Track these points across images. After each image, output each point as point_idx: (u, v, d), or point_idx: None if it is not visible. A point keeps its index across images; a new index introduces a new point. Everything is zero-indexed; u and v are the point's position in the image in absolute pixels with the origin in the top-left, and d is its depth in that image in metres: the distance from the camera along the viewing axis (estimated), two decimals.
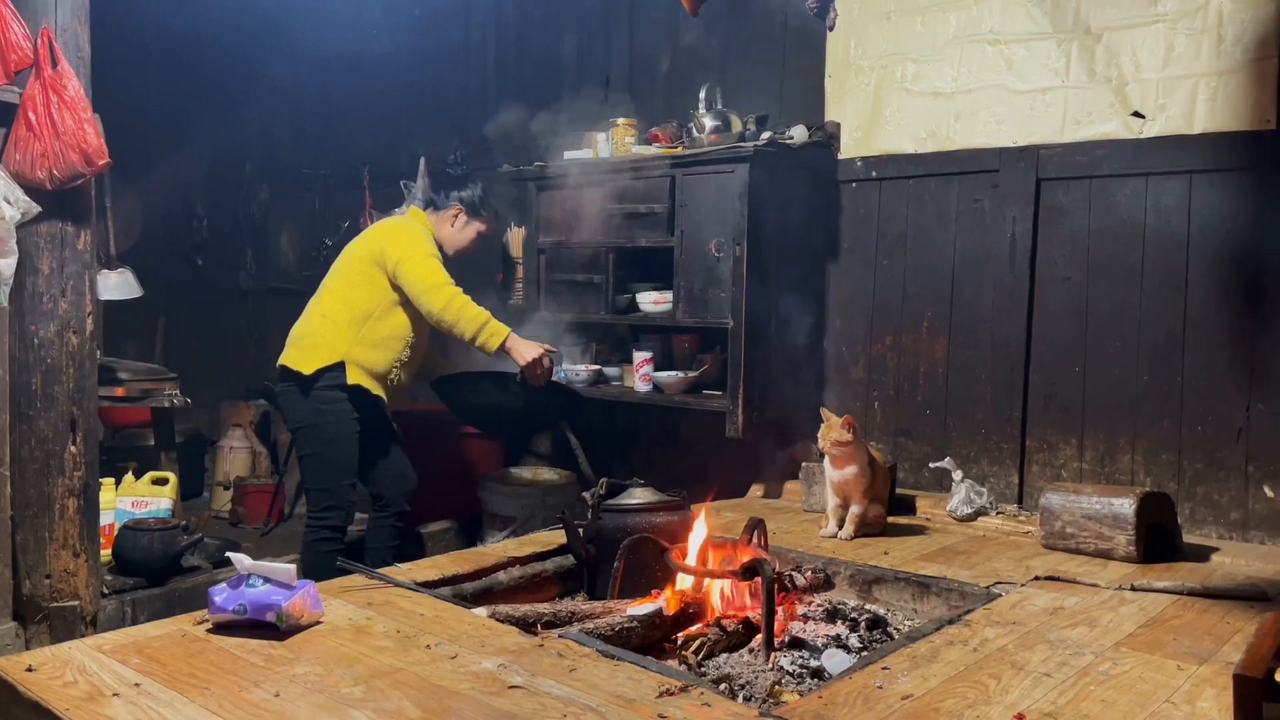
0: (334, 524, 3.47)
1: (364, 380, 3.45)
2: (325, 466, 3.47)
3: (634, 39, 4.58)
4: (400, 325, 3.51)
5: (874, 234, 3.82)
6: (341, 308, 3.48)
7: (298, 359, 3.45)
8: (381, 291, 3.48)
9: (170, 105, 5.21)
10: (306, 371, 3.41)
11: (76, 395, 3.00)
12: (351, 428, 3.46)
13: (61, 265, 2.95)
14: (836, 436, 2.97)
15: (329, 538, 3.46)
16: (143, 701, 1.75)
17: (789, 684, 2.08)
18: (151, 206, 5.13)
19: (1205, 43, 3.09)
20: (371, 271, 3.49)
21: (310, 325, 3.52)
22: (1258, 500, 3.05)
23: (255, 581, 2.12)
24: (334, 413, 3.43)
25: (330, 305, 3.51)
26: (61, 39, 2.89)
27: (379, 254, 3.49)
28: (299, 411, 3.48)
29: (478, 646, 2.05)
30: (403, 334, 3.51)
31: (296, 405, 3.48)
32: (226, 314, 5.75)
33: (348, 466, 3.48)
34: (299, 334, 3.53)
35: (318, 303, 3.56)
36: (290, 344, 3.53)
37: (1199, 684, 1.93)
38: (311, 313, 3.56)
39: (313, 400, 3.43)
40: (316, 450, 3.48)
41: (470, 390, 3.78)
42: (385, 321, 3.48)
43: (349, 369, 3.42)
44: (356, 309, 3.46)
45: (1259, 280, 3.04)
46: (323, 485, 3.48)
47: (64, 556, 2.99)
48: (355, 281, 3.51)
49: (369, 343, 3.46)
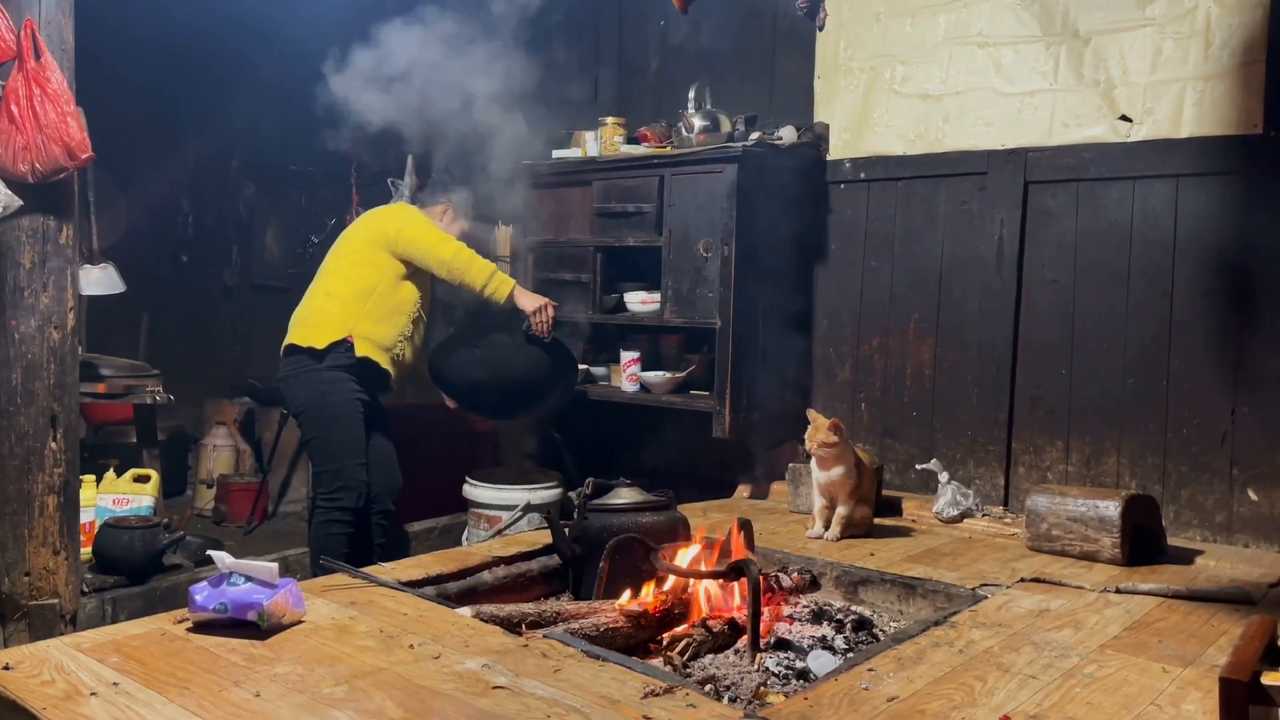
0: (345, 505, 3.40)
1: (372, 353, 3.45)
2: (332, 447, 3.44)
3: (623, 37, 4.57)
4: (405, 299, 3.53)
5: (862, 235, 3.82)
6: (345, 285, 3.49)
7: (308, 335, 3.45)
8: (383, 267, 3.50)
9: (156, 100, 5.16)
10: (320, 345, 3.41)
11: (57, 391, 2.97)
12: (356, 408, 3.44)
13: (43, 260, 2.92)
14: (824, 438, 2.96)
15: (339, 519, 3.40)
16: (121, 701, 1.73)
17: (774, 685, 2.07)
18: (136, 202, 5.08)
19: (1193, 47, 3.10)
20: (373, 252, 3.51)
21: (315, 303, 3.53)
22: (1242, 503, 3.06)
23: (237, 580, 2.10)
24: (338, 392, 3.41)
25: (333, 284, 3.53)
26: (45, 31, 2.86)
27: (378, 232, 3.54)
28: (302, 394, 3.46)
29: (461, 646, 2.04)
30: (407, 308, 3.54)
31: (300, 388, 3.46)
32: (211, 311, 5.71)
33: (355, 446, 3.44)
34: (304, 314, 3.53)
35: (319, 284, 3.58)
36: (296, 324, 3.52)
37: (1184, 686, 1.93)
38: (314, 293, 3.57)
39: (316, 381, 3.41)
40: (322, 432, 3.45)
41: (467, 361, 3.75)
42: (390, 296, 3.49)
43: (357, 342, 3.42)
44: (361, 284, 3.48)
45: (1244, 284, 3.05)
46: (332, 466, 3.44)
47: (43, 554, 2.96)
48: (358, 261, 3.53)
49: (374, 316, 3.47)
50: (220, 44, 5.16)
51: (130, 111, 4.82)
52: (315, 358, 3.42)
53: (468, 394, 3.86)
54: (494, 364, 3.72)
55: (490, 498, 3.89)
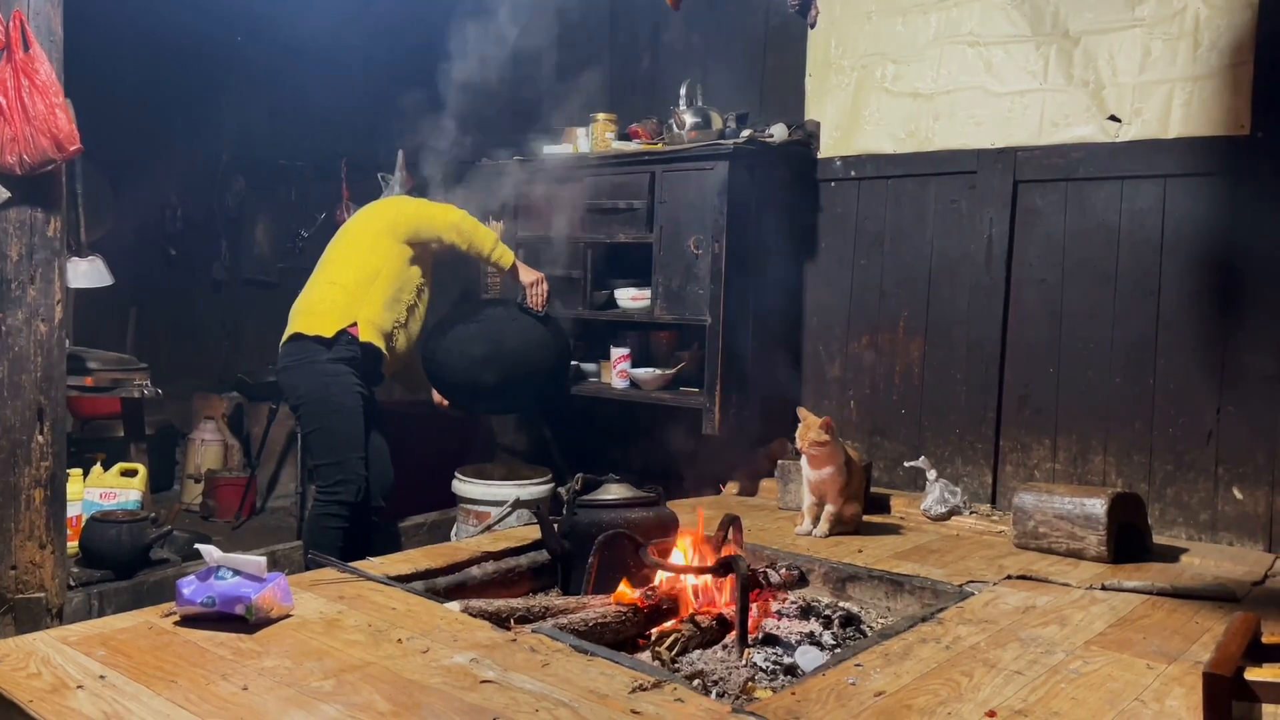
0: (344, 499, 3.35)
1: (374, 338, 3.44)
2: (332, 439, 3.40)
3: (615, 34, 4.57)
4: (407, 285, 3.54)
5: (852, 233, 3.83)
6: (348, 271, 3.49)
7: (314, 324, 3.41)
8: (387, 253, 3.50)
9: (145, 92, 5.13)
10: (328, 334, 3.38)
11: (44, 384, 2.95)
12: (356, 400, 3.41)
13: (30, 252, 2.90)
14: (814, 437, 2.97)
15: (337, 513, 3.35)
16: (107, 694, 1.73)
17: (762, 680, 2.08)
18: (124, 195, 5.05)
19: (1182, 48, 3.12)
20: (377, 239, 3.52)
21: (319, 292, 3.51)
22: (1227, 502, 3.09)
23: (225, 574, 2.09)
24: (340, 385, 3.39)
25: (337, 272, 3.51)
26: (34, 22, 2.84)
27: (383, 220, 3.57)
28: (304, 385, 3.42)
29: (450, 641, 2.04)
30: (406, 296, 3.54)
31: (301, 379, 3.43)
32: (200, 305, 5.68)
33: (356, 438, 3.41)
34: (308, 303, 3.51)
35: (322, 273, 3.56)
36: (300, 314, 3.49)
37: (1168, 682, 1.94)
38: (317, 281, 3.55)
39: (319, 373, 3.38)
40: (323, 424, 3.41)
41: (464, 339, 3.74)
42: (394, 281, 3.50)
43: (362, 326, 3.41)
44: (365, 269, 3.47)
45: (1231, 284, 3.07)
46: (332, 459, 3.39)
47: (30, 548, 2.95)
48: (361, 249, 3.53)
49: (378, 302, 3.46)
50: (210, 38, 5.13)
51: (119, 105, 4.79)
52: (324, 345, 3.39)
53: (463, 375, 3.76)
54: (491, 337, 3.71)
55: (479, 493, 3.89)
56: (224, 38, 5.18)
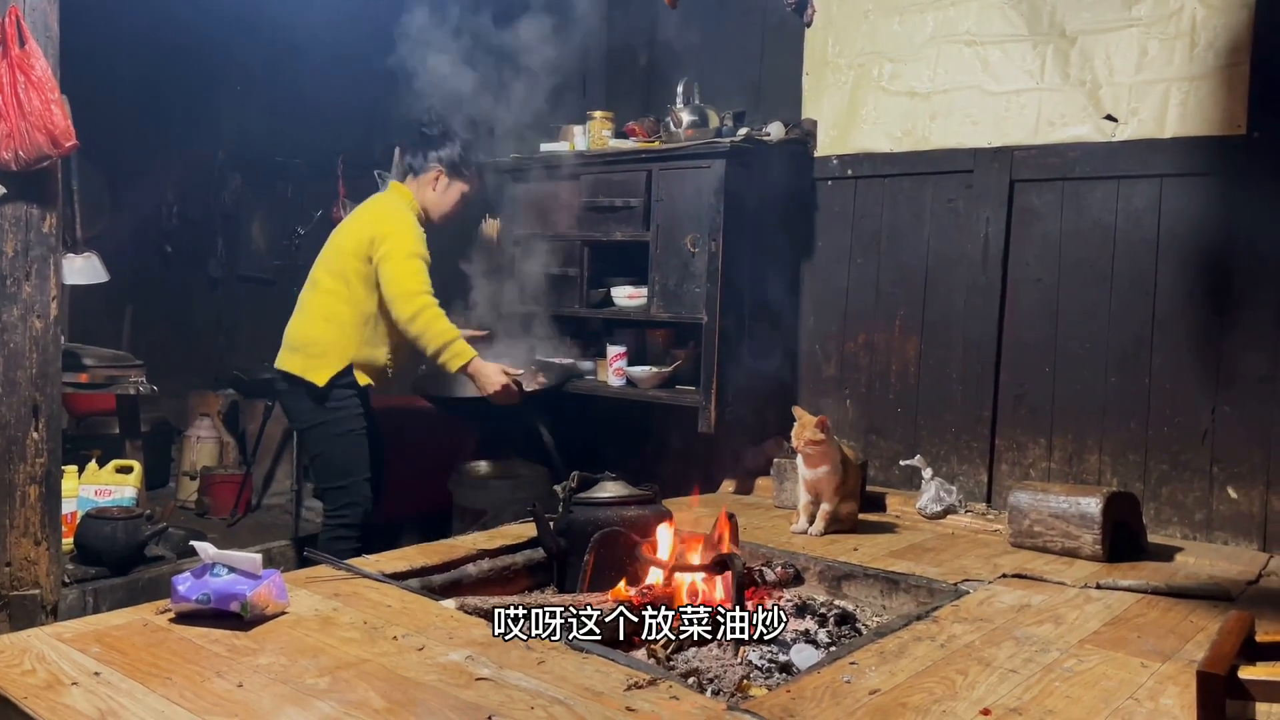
0: (351, 521, 3.35)
1: (369, 377, 3.40)
2: (337, 463, 3.38)
3: (611, 32, 4.56)
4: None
5: (848, 232, 3.84)
6: (345, 310, 3.35)
7: (305, 368, 3.34)
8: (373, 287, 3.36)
9: (142, 88, 5.12)
10: (320, 383, 3.32)
11: (39, 381, 2.94)
12: (360, 423, 3.38)
13: (26, 248, 2.90)
14: (810, 436, 2.97)
15: (345, 535, 3.34)
16: (102, 691, 1.72)
17: (757, 678, 2.08)
18: (120, 191, 5.04)
19: (1178, 48, 3.12)
20: (367, 269, 3.35)
21: (314, 330, 3.39)
22: (1221, 501, 3.09)
23: (220, 571, 2.09)
24: (344, 410, 3.36)
25: (332, 307, 3.38)
26: (30, 18, 2.83)
27: (370, 246, 3.34)
28: (305, 412, 3.39)
29: (445, 638, 2.04)
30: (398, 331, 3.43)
31: (302, 406, 3.39)
32: (196, 302, 5.67)
33: (360, 462, 3.39)
34: (302, 339, 3.40)
35: (317, 303, 3.42)
36: (292, 349, 3.40)
37: (1162, 681, 1.95)
38: (312, 314, 3.42)
39: (320, 401, 3.35)
40: (326, 449, 3.40)
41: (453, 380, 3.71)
42: (386, 318, 3.38)
43: (357, 372, 3.36)
44: (359, 310, 3.35)
45: (1226, 284, 3.08)
46: (337, 483, 3.38)
47: (24, 544, 2.94)
48: (353, 281, 3.36)
49: (373, 343, 3.39)
50: (207, 35, 5.13)
51: (115, 101, 4.79)
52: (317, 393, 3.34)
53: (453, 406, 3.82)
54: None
55: (475, 491, 3.88)
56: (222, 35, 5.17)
